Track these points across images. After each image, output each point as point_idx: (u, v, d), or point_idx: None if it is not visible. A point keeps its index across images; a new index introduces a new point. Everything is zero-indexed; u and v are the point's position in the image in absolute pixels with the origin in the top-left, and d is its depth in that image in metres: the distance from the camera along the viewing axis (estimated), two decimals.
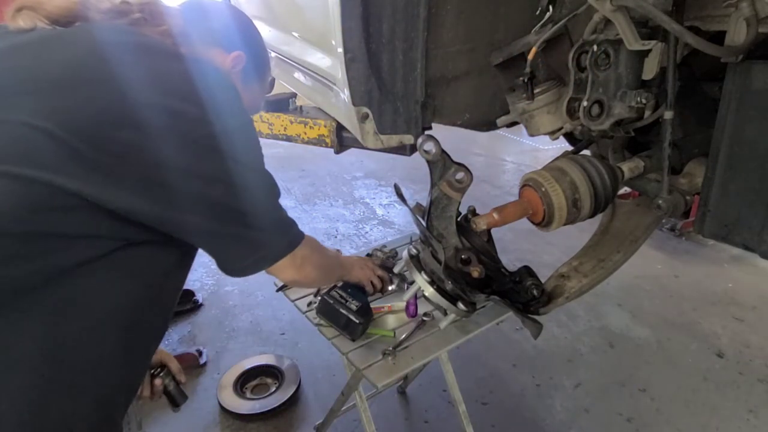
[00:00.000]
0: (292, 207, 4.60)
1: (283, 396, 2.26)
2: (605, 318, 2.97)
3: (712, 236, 0.98)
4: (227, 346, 2.66)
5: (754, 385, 2.45)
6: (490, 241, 1.26)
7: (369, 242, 3.90)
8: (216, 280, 3.26)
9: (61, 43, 0.75)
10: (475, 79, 1.23)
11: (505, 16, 1.16)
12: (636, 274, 3.38)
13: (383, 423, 2.15)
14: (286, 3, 1.47)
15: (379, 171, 5.56)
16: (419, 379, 2.36)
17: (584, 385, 2.45)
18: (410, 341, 1.45)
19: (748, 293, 3.21)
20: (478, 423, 2.01)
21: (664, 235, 3.97)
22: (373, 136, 1.16)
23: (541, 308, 1.25)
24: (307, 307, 1.64)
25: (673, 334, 2.82)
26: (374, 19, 1.05)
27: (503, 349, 2.69)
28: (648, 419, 2.24)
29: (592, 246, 1.37)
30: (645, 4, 0.82)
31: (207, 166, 0.73)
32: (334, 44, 1.09)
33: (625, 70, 0.96)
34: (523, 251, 3.74)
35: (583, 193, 1.07)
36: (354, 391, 1.64)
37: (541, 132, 1.17)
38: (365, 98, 1.11)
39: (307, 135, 1.46)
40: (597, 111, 1.01)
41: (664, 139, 0.97)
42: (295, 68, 1.49)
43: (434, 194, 1.17)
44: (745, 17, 0.79)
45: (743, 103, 0.87)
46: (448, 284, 1.18)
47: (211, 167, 0.73)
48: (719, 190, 0.94)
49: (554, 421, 2.23)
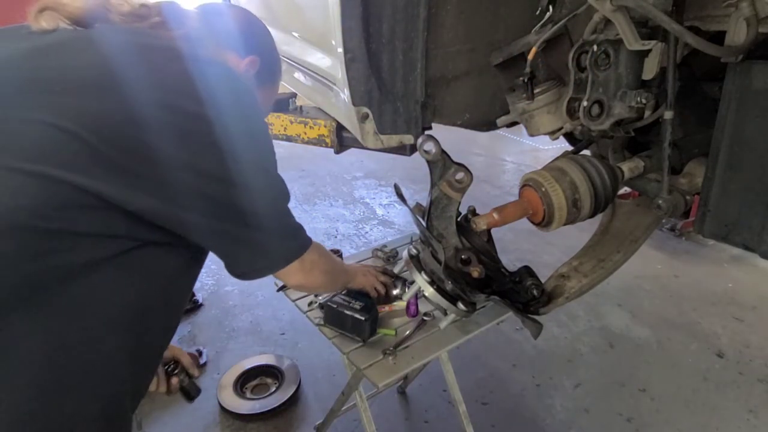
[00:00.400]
0: (292, 207, 4.54)
1: (283, 396, 2.26)
2: (605, 318, 2.97)
3: (712, 236, 0.98)
4: (227, 346, 2.66)
5: (754, 385, 2.45)
6: (490, 241, 1.26)
7: (369, 242, 3.90)
8: (216, 280, 3.26)
9: (83, 45, 0.76)
10: (475, 79, 1.23)
11: (505, 16, 1.16)
12: (636, 274, 3.38)
13: (383, 423, 2.15)
14: (286, 3, 1.47)
15: (379, 171, 5.56)
16: (419, 379, 2.36)
17: (584, 385, 2.44)
18: (410, 341, 1.45)
19: (748, 293, 3.21)
20: (478, 423, 2.01)
21: (664, 235, 3.97)
22: (373, 136, 1.16)
23: (541, 308, 1.25)
24: (308, 307, 1.64)
25: (673, 334, 2.82)
26: (374, 19, 1.05)
27: (503, 349, 2.69)
28: (648, 419, 2.24)
29: (592, 246, 1.37)
30: (645, 4, 0.82)
31: (206, 162, 0.73)
32: (334, 44, 1.09)
33: (625, 70, 0.96)
34: (523, 251, 3.74)
35: (583, 193, 1.07)
36: (354, 390, 1.64)
37: (541, 132, 1.17)
38: (365, 98, 1.11)
39: (307, 135, 1.46)
40: (597, 111, 1.01)
41: (664, 139, 0.97)
42: (295, 68, 1.49)
43: (434, 194, 1.17)
44: (745, 17, 0.79)
45: (743, 103, 0.87)
46: (448, 284, 1.18)
47: (211, 164, 0.74)
48: (719, 190, 0.94)
49: (554, 421, 2.23)
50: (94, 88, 0.70)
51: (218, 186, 0.75)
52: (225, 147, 0.73)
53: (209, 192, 0.74)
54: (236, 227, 0.80)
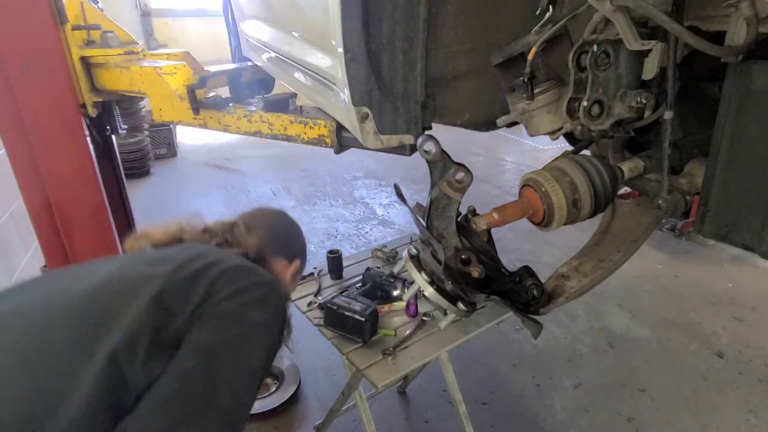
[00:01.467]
0: (292, 207, 4.60)
1: (283, 396, 2.26)
2: (605, 318, 2.97)
3: (712, 236, 0.98)
4: None
5: (754, 385, 2.45)
6: (490, 241, 1.26)
7: (369, 242, 3.90)
8: None
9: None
10: (475, 79, 1.22)
11: (505, 16, 1.16)
12: (636, 274, 3.38)
13: (383, 423, 2.15)
14: (286, 3, 1.47)
15: (379, 171, 5.56)
16: (419, 379, 2.36)
17: (584, 385, 2.44)
18: (410, 341, 1.45)
19: (748, 293, 3.21)
20: (478, 423, 2.01)
21: (664, 235, 3.97)
22: (373, 136, 1.16)
23: (541, 308, 1.25)
24: (307, 307, 1.64)
25: (673, 334, 2.82)
26: (374, 19, 1.05)
27: (503, 349, 2.69)
28: (648, 419, 2.24)
29: (592, 246, 1.37)
30: (645, 4, 0.82)
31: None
32: (334, 44, 1.09)
33: (625, 70, 0.96)
34: (523, 251, 3.74)
35: (583, 193, 1.07)
36: (354, 391, 1.64)
37: (541, 132, 1.17)
38: (365, 98, 1.11)
39: (307, 135, 1.46)
40: (597, 111, 1.01)
41: (664, 139, 0.97)
42: (295, 68, 1.49)
43: (434, 194, 1.17)
44: (745, 17, 0.79)
45: (743, 103, 0.87)
46: (448, 284, 1.18)
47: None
48: (719, 190, 0.94)
49: (554, 421, 2.23)
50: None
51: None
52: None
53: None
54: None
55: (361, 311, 1.40)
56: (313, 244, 3.79)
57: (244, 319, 0.84)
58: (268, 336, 0.86)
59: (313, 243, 3.82)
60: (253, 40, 1.92)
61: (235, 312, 0.84)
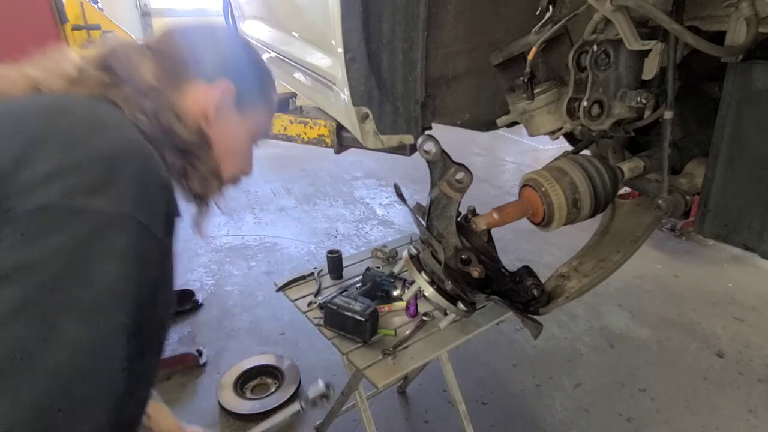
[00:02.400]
0: (293, 207, 4.60)
1: (283, 396, 2.26)
2: (605, 318, 2.97)
3: (712, 236, 0.98)
4: (227, 346, 2.66)
5: (754, 385, 2.45)
6: (490, 241, 1.26)
7: (369, 242, 3.90)
8: (216, 280, 3.26)
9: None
10: (475, 79, 1.23)
11: (505, 16, 1.16)
12: (636, 274, 3.38)
13: (383, 423, 2.15)
14: (286, 3, 1.47)
15: (379, 171, 5.56)
16: (419, 379, 2.36)
17: (584, 385, 2.45)
18: (410, 341, 1.45)
19: (748, 293, 3.21)
20: (478, 423, 2.01)
21: (664, 235, 3.97)
22: (373, 136, 1.16)
23: (541, 308, 1.25)
24: (307, 307, 1.64)
25: (673, 334, 2.82)
26: (374, 19, 1.05)
27: (503, 349, 2.69)
28: (648, 419, 2.24)
29: (592, 246, 1.37)
30: (645, 4, 0.82)
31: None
32: (334, 44, 1.09)
33: (625, 70, 0.96)
34: (523, 251, 3.74)
35: (583, 193, 1.07)
36: (354, 391, 1.64)
37: (541, 132, 1.17)
38: (365, 98, 1.11)
39: (307, 135, 1.46)
40: (597, 111, 1.01)
41: (664, 139, 0.97)
42: (295, 68, 1.49)
43: (434, 194, 1.17)
44: (745, 17, 0.79)
45: (743, 103, 0.87)
46: (448, 284, 1.18)
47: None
48: (719, 190, 0.94)
49: (554, 421, 2.23)
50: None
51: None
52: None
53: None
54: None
55: (361, 311, 1.40)
56: (313, 244, 3.80)
57: (72, 220, 0.56)
58: (123, 236, 0.58)
59: (313, 243, 3.82)
60: (253, 40, 1.92)
61: (57, 208, 0.56)
